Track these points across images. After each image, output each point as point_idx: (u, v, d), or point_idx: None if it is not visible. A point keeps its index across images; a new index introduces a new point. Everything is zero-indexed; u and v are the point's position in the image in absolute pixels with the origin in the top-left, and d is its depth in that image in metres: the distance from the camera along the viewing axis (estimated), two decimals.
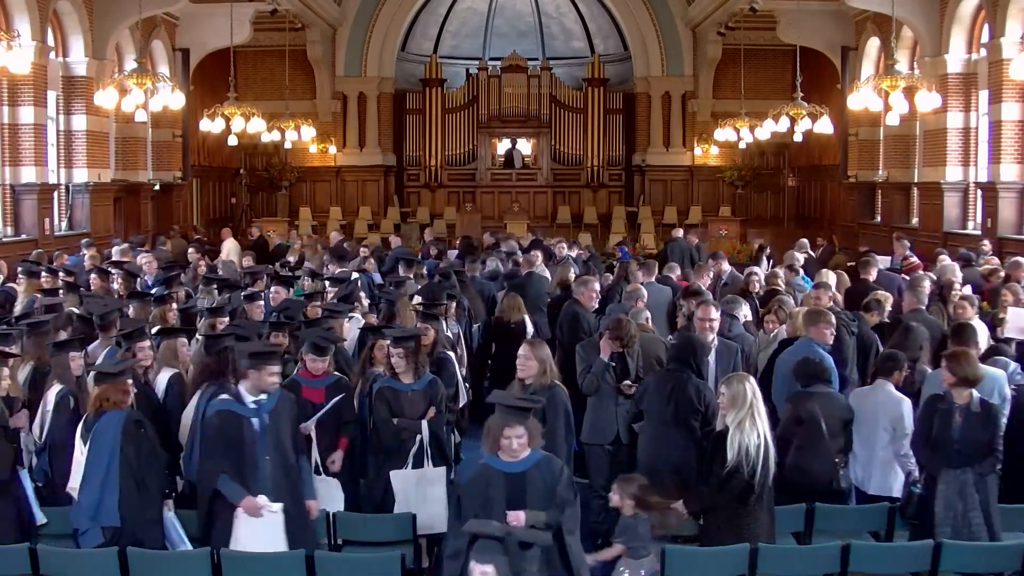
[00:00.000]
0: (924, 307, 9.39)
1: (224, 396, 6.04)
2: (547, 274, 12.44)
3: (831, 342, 7.62)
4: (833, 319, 7.78)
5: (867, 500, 6.75)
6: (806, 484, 6.48)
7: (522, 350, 6.61)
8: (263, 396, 5.94)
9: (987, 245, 14.66)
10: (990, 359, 7.44)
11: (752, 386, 5.93)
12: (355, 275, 11.72)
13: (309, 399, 6.85)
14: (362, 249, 15.78)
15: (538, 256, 12.87)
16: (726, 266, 12.52)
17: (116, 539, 5.68)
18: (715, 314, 7.68)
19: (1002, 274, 11.45)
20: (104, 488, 5.72)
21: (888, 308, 9.43)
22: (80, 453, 5.85)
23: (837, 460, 6.67)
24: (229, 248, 16.99)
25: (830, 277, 11.07)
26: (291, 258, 15.06)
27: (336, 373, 7.19)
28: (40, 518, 6.22)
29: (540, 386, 6.48)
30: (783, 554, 5.86)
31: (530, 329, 10.45)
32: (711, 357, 7.56)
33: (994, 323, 9.16)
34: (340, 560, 5.59)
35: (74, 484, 5.84)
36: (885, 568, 5.91)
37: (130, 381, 6.10)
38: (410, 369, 6.93)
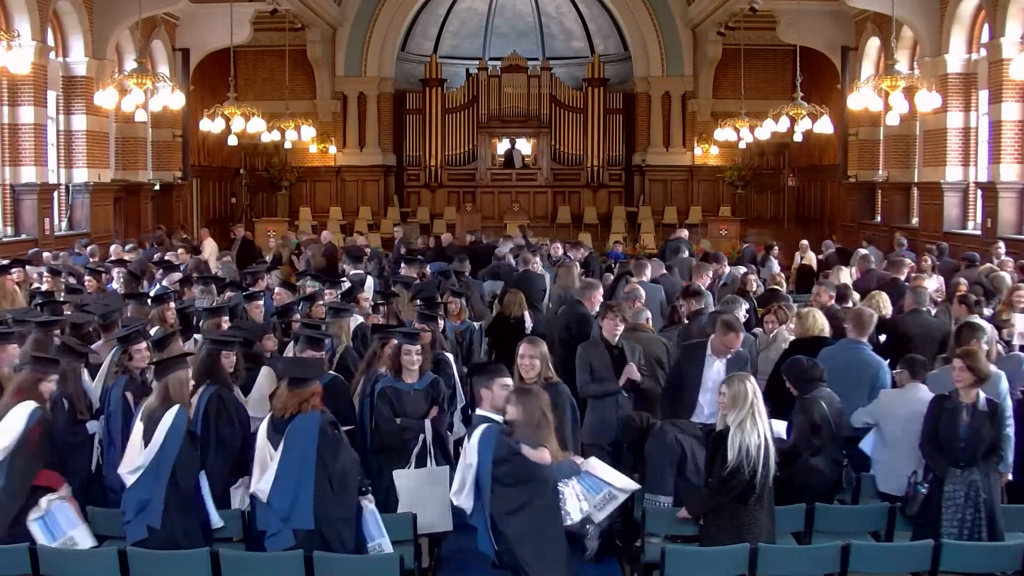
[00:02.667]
0: (924, 308, 9.39)
1: (494, 425, 5.74)
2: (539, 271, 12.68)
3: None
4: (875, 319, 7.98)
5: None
6: (816, 485, 6.50)
7: (524, 350, 6.55)
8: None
9: (1002, 248, 14.53)
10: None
11: (753, 386, 5.92)
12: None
13: None
14: (366, 250, 15.81)
15: (535, 256, 13.02)
16: (726, 267, 12.57)
17: (306, 542, 5.59)
18: (739, 342, 7.38)
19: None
20: (299, 490, 5.64)
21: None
22: (269, 457, 5.74)
23: (845, 462, 6.70)
24: (211, 250, 16.93)
25: (843, 275, 11.23)
26: (268, 257, 15.06)
27: (331, 372, 7.21)
28: (216, 522, 6.09)
29: (544, 383, 6.47)
30: (783, 554, 5.86)
31: (529, 325, 10.59)
32: (723, 363, 7.43)
33: (999, 325, 9.12)
34: (340, 560, 5.58)
35: (263, 487, 5.70)
36: (885, 568, 5.90)
37: (319, 383, 6.03)
38: (415, 368, 6.95)
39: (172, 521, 5.83)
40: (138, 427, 5.98)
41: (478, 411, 5.92)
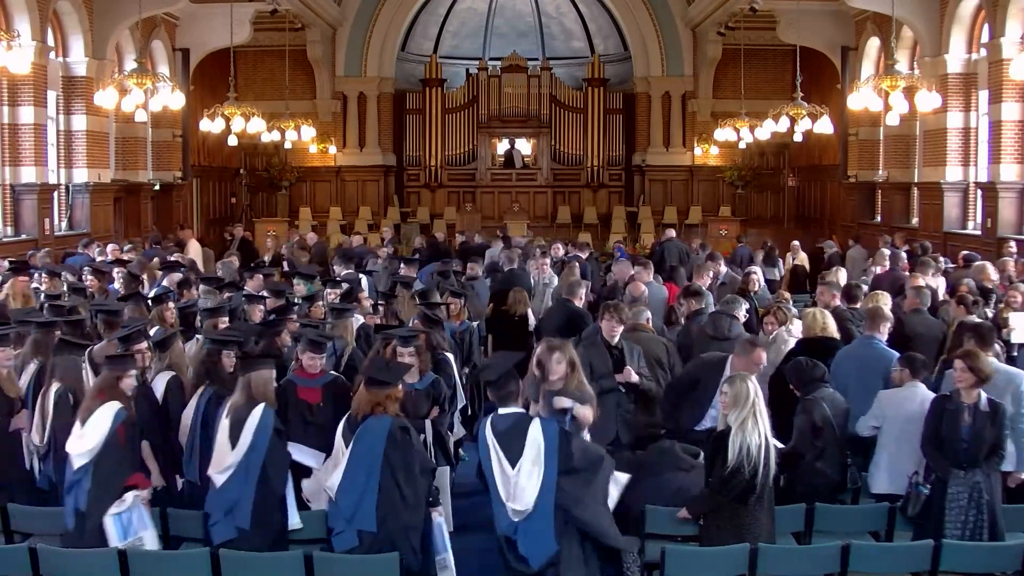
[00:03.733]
0: (925, 308, 9.39)
1: (549, 421, 5.64)
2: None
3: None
4: (891, 316, 8.03)
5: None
6: (820, 487, 6.50)
7: (554, 355, 6.13)
8: None
9: (1013, 247, 14.49)
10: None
11: (754, 385, 5.92)
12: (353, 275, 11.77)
13: (305, 399, 6.82)
14: (381, 250, 15.85)
15: (516, 253, 13.28)
16: (723, 267, 12.61)
17: (373, 545, 5.59)
18: (764, 358, 7.14)
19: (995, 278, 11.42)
20: (363, 492, 5.64)
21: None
22: (341, 455, 5.76)
23: (849, 462, 6.68)
24: (195, 251, 16.88)
25: (841, 275, 11.24)
26: (266, 258, 15.06)
27: (332, 372, 7.21)
28: (294, 523, 6.05)
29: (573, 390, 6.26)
30: (783, 554, 5.86)
31: (532, 322, 10.69)
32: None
33: (1000, 325, 9.11)
34: (340, 560, 5.58)
35: (331, 484, 5.72)
36: (885, 568, 5.90)
37: (400, 387, 5.98)
38: (415, 368, 6.95)
39: (258, 522, 5.83)
40: (224, 425, 5.97)
41: (504, 410, 5.60)
